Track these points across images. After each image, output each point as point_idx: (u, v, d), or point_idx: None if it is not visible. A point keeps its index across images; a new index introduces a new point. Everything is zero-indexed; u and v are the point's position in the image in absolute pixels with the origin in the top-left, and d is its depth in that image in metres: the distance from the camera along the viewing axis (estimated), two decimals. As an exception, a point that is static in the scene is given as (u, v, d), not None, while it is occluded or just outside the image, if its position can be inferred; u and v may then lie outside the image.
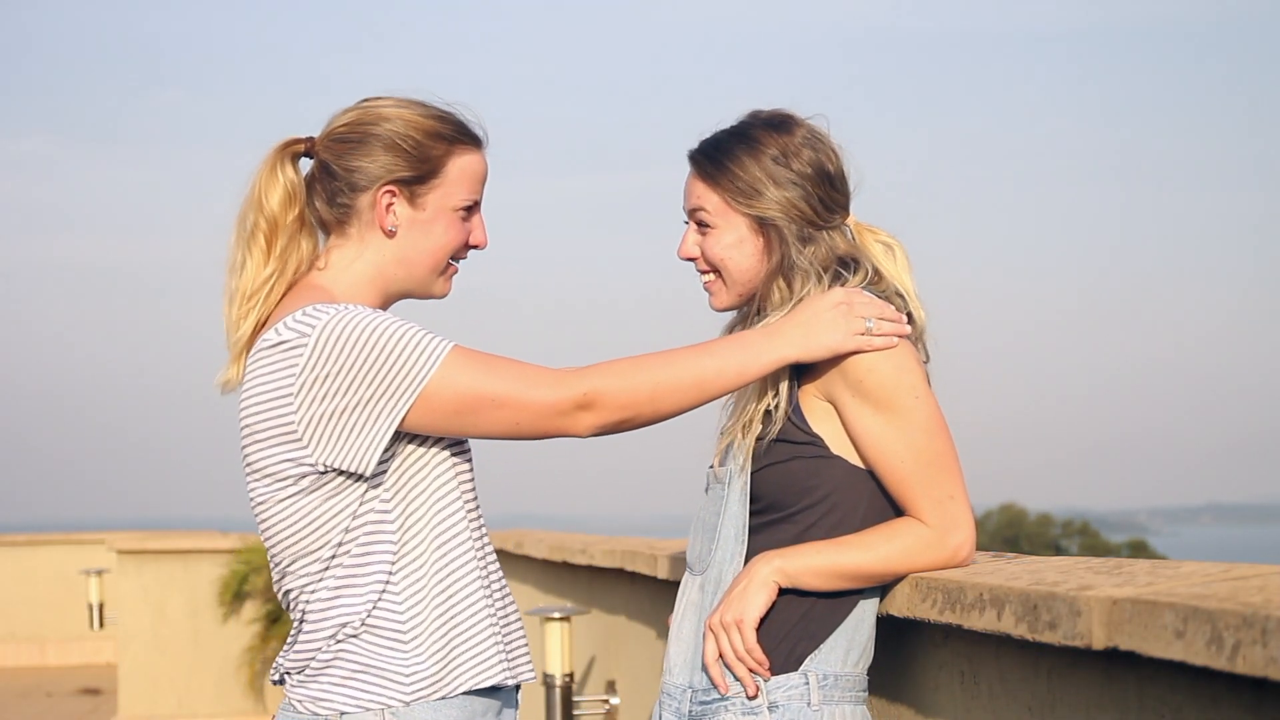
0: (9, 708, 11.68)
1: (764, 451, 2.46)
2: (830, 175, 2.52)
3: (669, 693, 2.54)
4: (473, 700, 2.32)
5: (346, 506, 2.28)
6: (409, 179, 2.38)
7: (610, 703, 5.32)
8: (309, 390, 2.23)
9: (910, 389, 2.40)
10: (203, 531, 11.73)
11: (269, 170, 2.40)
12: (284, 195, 2.38)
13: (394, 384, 2.23)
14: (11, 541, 14.93)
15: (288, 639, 2.37)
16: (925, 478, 2.40)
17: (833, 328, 2.37)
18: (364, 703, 2.27)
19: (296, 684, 2.33)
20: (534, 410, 2.28)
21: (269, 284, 2.36)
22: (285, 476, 2.28)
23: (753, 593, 2.39)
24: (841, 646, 2.43)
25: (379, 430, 2.24)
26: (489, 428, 2.29)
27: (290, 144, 2.42)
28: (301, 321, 2.26)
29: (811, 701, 2.40)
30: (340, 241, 2.41)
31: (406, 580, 2.30)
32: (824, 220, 2.51)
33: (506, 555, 7.36)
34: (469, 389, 2.25)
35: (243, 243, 2.39)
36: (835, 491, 2.45)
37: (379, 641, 2.28)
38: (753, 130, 2.53)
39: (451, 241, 2.42)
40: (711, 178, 2.51)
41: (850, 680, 2.44)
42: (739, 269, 2.51)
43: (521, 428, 2.29)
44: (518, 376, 2.28)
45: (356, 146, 2.38)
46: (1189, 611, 1.67)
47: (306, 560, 2.31)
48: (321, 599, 2.30)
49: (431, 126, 2.40)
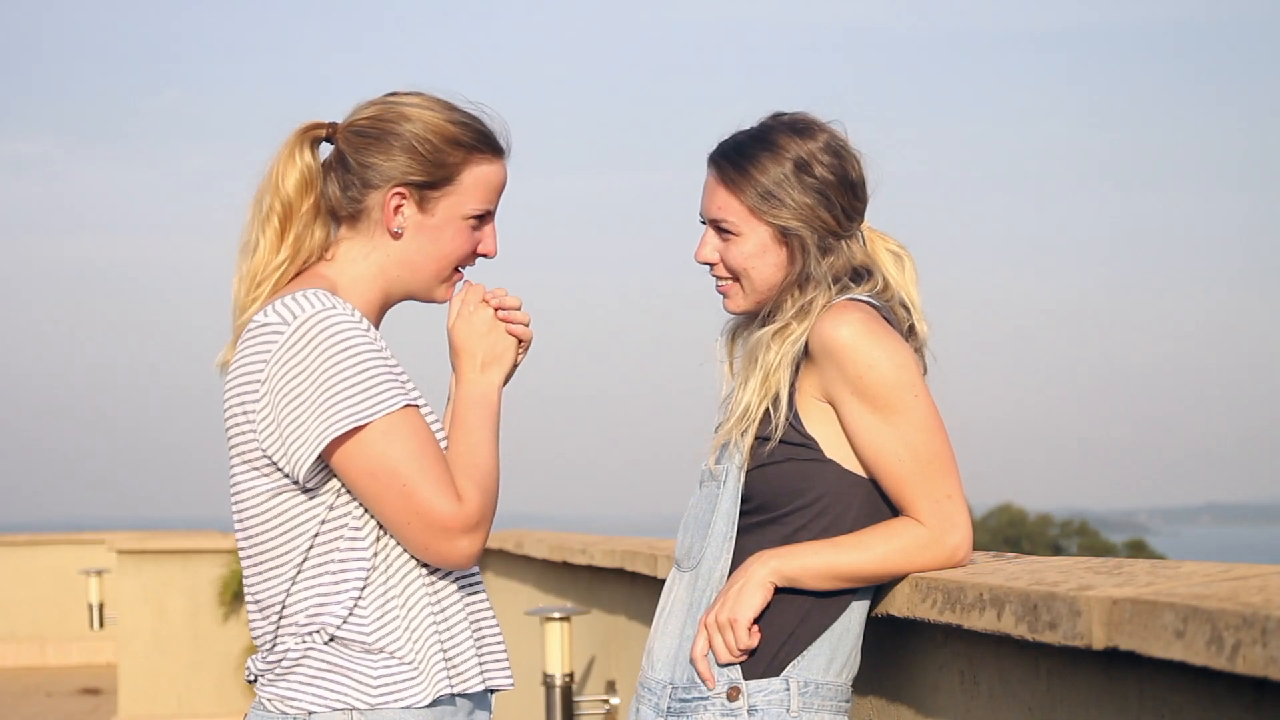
0: (9, 708, 11.68)
1: (758, 452, 2.45)
2: (852, 182, 2.51)
3: (648, 687, 2.53)
4: (440, 709, 2.30)
5: (315, 511, 2.26)
6: (421, 183, 2.35)
7: (610, 703, 5.32)
8: (272, 375, 2.22)
9: (909, 387, 2.40)
10: (203, 531, 11.72)
11: (288, 154, 2.38)
12: (300, 180, 2.36)
13: (334, 406, 2.20)
14: (11, 541, 14.93)
15: (263, 642, 2.34)
16: (923, 477, 2.39)
17: (500, 350, 2.40)
18: (330, 702, 2.26)
19: (266, 683, 2.32)
20: (428, 521, 2.23)
21: (280, 270, 2.35)
22: (256, 464, 2.27)
23: (749, 593, 2.39)
24: (825, 654, 2.43)
25: (308, 444, 2.21)
26: (384, 509, 2.24)
27: (311, 128, 2.40)
28: (287, 306, 2.25)
29: (791, 708, 2.39)
30: (350, 234, 2.39)
31: (376, 594, 2.27)
32: (844, 229, 2.50)
33: (506, 555, 7.36)
34: (392, 459, 2.22)
35: (257, 224, 2.37)
36: (826, 495, 2.44)
37: (349, 648, 2.27)
38: (775, 135, 2.50)
39: (458, 249, 2.40)
40: (734, 184, 2.49)
41: (832, 689, 2.43)
42: (760, 277, 2.50)
43: (409, 529, 2.24)
44: (437, 479, 2.23)
45: (374, 143, 2.36)
46: (1189, 611, 1.67)
47: (278, 562, 2.29)
48: (298, 608, 2.28)
49: (452, 132, 2.37)
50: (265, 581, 2.31)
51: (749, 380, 2.47)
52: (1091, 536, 63.30)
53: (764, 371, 2.44)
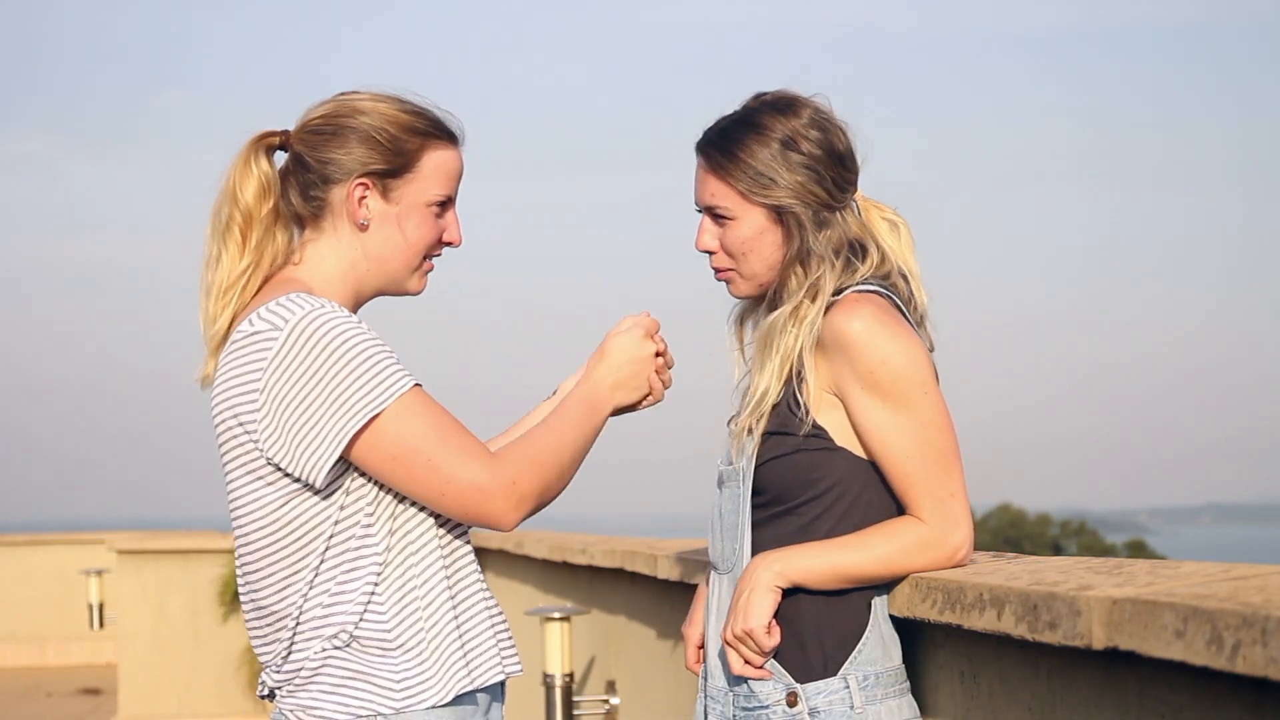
0: (9, 708, 11.68)
1: (769, 445, 2.46)
2: (840, 154, 2.50)
3: (712, 695, 2.55)
4: (461, 707, 2.30)
5: (328, 512, 2.26)
6: (382, 172, 2.36)
7: (610, 703, 5.31)
8: (272, 384, 2.22)
9: (921, 383, 2.40)
10: (203, 531, 11.72)
11: (243, 163, 2.38)
12: (258, 188, 2.36)
13: (348, 402, 2.20)
14: (11, 541, 14.93)
15: (275, 654, 2.32)
16: (929, 474, 2.39)
17: (638, 385, 2.46)
18: (355, 710, 2.25)
19: (286, 694, 2.31)
20: (460, 487, 2.24)
21: (245, 276, 2.34)
22: (261, 474, 2.26)
23: (756, 601, 2.39)
24: (876, 643, 2.43)
25: (327, 445, 2.21)
26: (415, 488, 2.25)
27: (264, 136, 2.41)
28: (275, 312, 2.24)
29: (855, 704, 2.39)
30: (315, 235, 2.39)
31: (392, 589, 2.27)
32: (837, 201, 2.49)
33: (507, 555, 7.36)
34: (412, 437, 2.23)
35: (218, 236, 2.37)
36: (840, 483, 2.44)
37: (368, 651, 2.26)
38: (759, 116, 2.50)
39: (424, 237, 2.40)
40: (724, 169, 2.49)
41: (890, 675, 2.43)
42: (761, 259, 2.50)
43: (446, 500, 2.26)
44: (459, 447, 2.25)
45: (331, 139, 2.37)
46: (1189, 611, 1.67)
47: (293, 570, 2.28)
48: (314, 614, 2.27)
49: (406, 120, 2.39)
50: (278, 591, 2.29)
51: (765, 365, 2.46)
52: (1091, 536, 63.32)
53: (782, 355, 2.44)
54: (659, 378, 2.48)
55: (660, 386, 2.49)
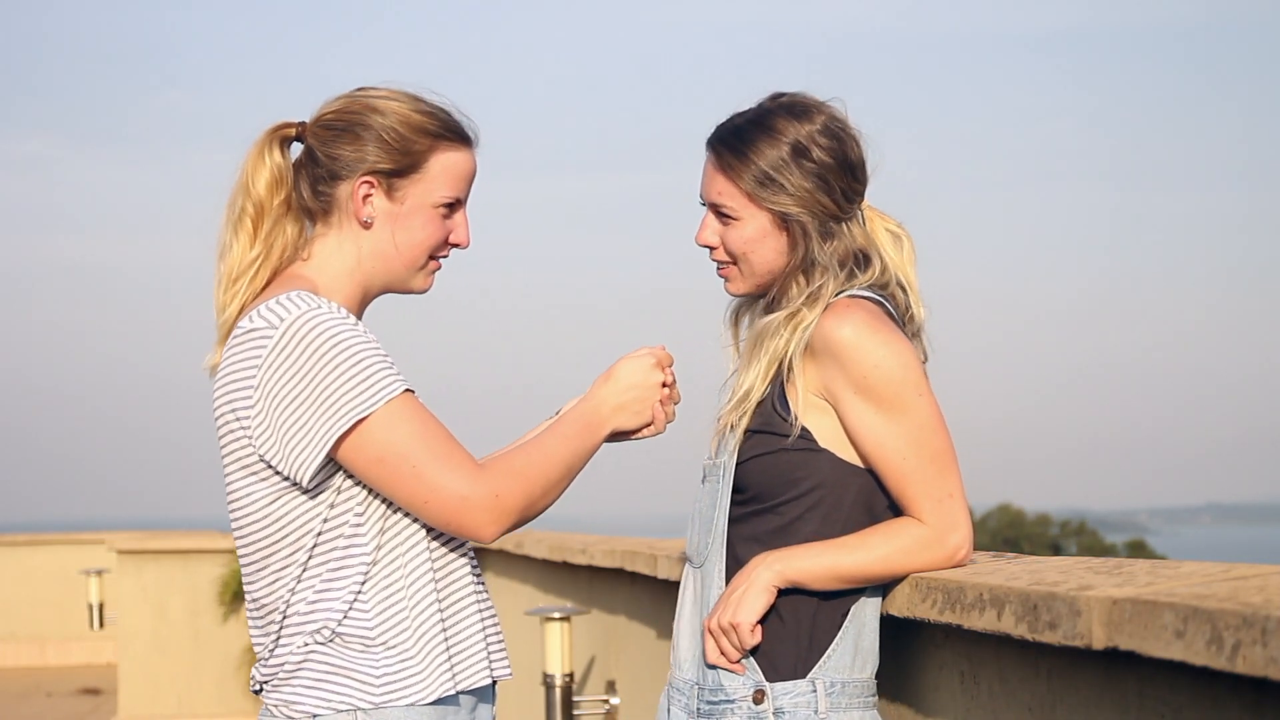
0: (9, 708, 11.68)
1: (752, 443, 2.45)
2: (851, 164, 2.49)
3: (677, 688, 2.54)
4: (443, 707, 2.30)
5: (317, 510, 2.27)
6: (388, 171, 2.36)
7: (610, 703, 5.32)
8: (266, 381, 2.23)
9: (915, 385, 2.39)
10: (203, 531, 11.72)
11: (257, 154, 2.39)
12: (270, 179, 2.38)
13: (336, 404, 2.21)
14: (11, 541, 14.94)
15: (264, 646, 2.34)
16: (925, 476, 2.39)
17: (640, 410, 2.45)
18: (334, 704, 2.26)
19: (272, 689, 2.32)
20: (443, 496, 2.25)
21: (254, 266, 2.36)
22: (254, 469, 2.27)
23: (751, 597, 2.39)
24: (847, 652, 2.43)
25: (314, 446, 2.22)
26: (399, 493, 2.26)
27: (280, 128, 2.42)
28: (273, 310, 2.25)
29: (819, 709, 2.39)
30: (323, 231, 2.40)
31: (378, 588, 2.28)
32: (844, 212, 2.48)
33: (506, 555, 7.35)
34: (398, 442, 2.23)
35: (230, 226, 2.39)
36: (821, 485, 2.44)
37: (349, 647, 2.27)
38: (772, 118, 2.48)
39: (429, 238, 2.40)
40: (732, 169, 2.47)
41: (858, 686, 2.43)
42: (761, 261, 2.49)
43: (429, 507, 2.26)
44: (445, 455, 2.25)
45: (341, 135, 2.37)
46: (1189, 611, 1.67)
47: (282, 565, 2.29)
48: (300, 610, 2.28)
49: (418, 121, 2.38)
50: (268, 585, 2.31)
51: (753, 363, 2.46)
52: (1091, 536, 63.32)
53: (770, 356, 2.44)
54: (663, 409, 2.48)
55: (663, 418, 2.49)
